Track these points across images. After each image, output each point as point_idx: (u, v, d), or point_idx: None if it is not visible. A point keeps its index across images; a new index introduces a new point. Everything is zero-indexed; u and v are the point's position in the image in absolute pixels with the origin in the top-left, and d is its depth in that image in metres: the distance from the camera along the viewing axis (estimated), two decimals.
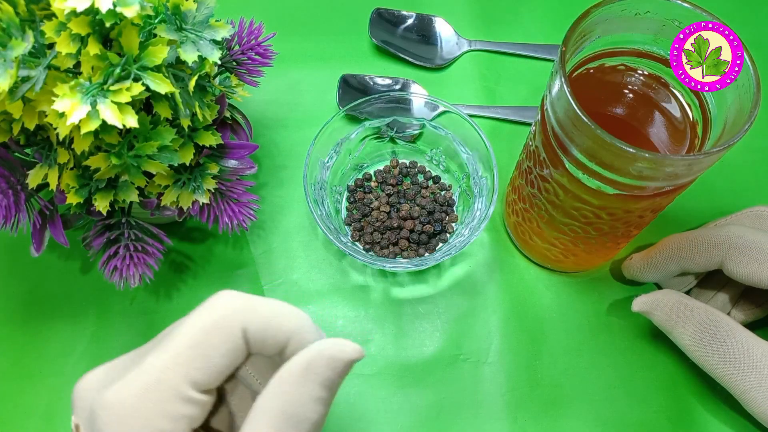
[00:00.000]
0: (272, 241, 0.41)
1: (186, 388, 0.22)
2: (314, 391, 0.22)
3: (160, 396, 0.22)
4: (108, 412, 0.22)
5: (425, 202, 0.40)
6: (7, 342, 0.37)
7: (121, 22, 0.25)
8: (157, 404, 0.22)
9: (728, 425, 0.36)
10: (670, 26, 0.29)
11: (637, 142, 0.29)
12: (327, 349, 0.23)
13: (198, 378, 0.22)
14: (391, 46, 0.48)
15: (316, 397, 0.22)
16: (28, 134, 0.29)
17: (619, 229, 0.33)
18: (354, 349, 0.23)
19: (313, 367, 0.22)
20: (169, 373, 0.22)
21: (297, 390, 0.22)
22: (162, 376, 0.22)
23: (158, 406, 0.22)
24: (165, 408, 0.22)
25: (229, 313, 0.22)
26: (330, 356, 0.22)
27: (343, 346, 0.23)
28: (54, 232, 0.32)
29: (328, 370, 0.22)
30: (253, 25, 0.36)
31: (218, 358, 0.22)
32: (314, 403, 0.22)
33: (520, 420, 0.36)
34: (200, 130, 0.32)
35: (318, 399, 0.22)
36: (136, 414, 0.21)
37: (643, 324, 0.39)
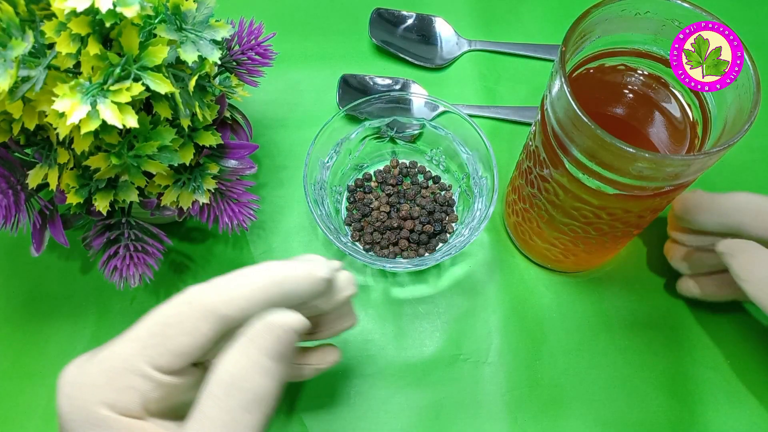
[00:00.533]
0: (272, 241, 0.41)
1: (141, 365, 0.23)
2: (257, 360, 0.22)
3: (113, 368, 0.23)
4: (63, 379, 0.24)
5: (425, 202, 0.40)
6: (7, 342, 0.37)
7: (121, 22, 0.25)
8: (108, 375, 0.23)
9: (728, 425, 0.36)
10: (670, 26, 0.29)
11: (637, 142, 0.29)
12: (269, 316, 0.23)
13: (156, 358, 0.23)
14: (391, 46, 0.48)
15: (259, 366, 0.22)
16: (28, 134, 0.29)
17: (619, 229, 0.33)
18: (295, 318, 0.23)
19: (255, 335, 0.23)
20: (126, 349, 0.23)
21: (239, 359, 0.22)
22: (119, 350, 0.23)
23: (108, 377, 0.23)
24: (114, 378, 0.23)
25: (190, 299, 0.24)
26: (269, 323, 0.23)
27: (284, 315, 0.23)
28: (54, 232, 0.32)
29: (269, 337, 0.22)
30: (253, 25, 0.36)
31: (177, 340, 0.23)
32: (257, 374, 0.22)
33: (520, 420, 0.36)
34: (200, 130, 0.32)
35: (262, 369, 0.22)
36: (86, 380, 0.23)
37: (643, 324, 0.39)
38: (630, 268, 0.40)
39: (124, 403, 0.23)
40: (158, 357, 0.23)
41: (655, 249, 0.41)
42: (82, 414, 0.23)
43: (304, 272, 0.24)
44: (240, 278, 0.24)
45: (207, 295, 0.24)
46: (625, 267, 0.40)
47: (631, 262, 0.41)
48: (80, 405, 0.23)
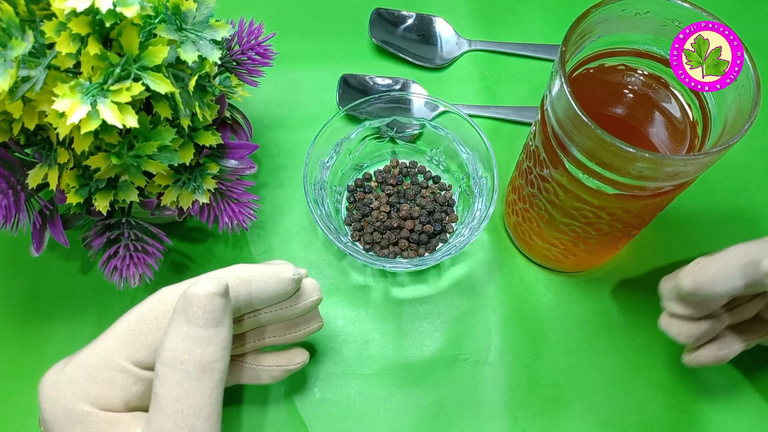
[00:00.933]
0: (272, 241, 0.41)
1: (120, 360, 0.24)
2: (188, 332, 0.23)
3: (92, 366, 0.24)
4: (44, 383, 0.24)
5: (425, 202, 0.40)
6: (7, 342, 0.37)
7: (121, 22, 0.25)
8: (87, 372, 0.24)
9: (728, 425, 0.36)
10: (670, 26, 0.29)
11: (637, 142, 0.29)
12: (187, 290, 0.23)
13: (134, 354, 0.24)
14: (391, 46, 0.48)
15: (191, 337, 0.23)
16: (28, 134, 0.29)
17: (619, 229, 0.33)
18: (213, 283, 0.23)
19: (180, 310, 0.23)
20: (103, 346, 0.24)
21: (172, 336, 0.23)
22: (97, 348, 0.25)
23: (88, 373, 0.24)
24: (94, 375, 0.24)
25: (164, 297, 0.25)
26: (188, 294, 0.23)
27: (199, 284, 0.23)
28: (54, 232, 0.32)
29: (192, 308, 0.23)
30: (253, 25, 0.36)
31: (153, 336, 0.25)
32: (193, 344, 0.23)
33: (520, 420, 0.36)
34: (200, 130, 0.32)
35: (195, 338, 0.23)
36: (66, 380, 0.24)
37: (643, 324, 0.39)
38: (630, 268, 0.40)
39: (105, 398, 0.24)
40: (136, 352, 0.24)
41: (656, 249, 0.41)
42: (63, 411, 0.24)
43: (272, 273, 0.26)
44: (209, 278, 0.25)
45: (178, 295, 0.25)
46: (625, 267, 0.40)
47: (631, 262, 0.41)
48: (61, 403, 0.24)
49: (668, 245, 0.41)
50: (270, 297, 0.26)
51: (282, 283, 0.26)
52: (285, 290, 0.27)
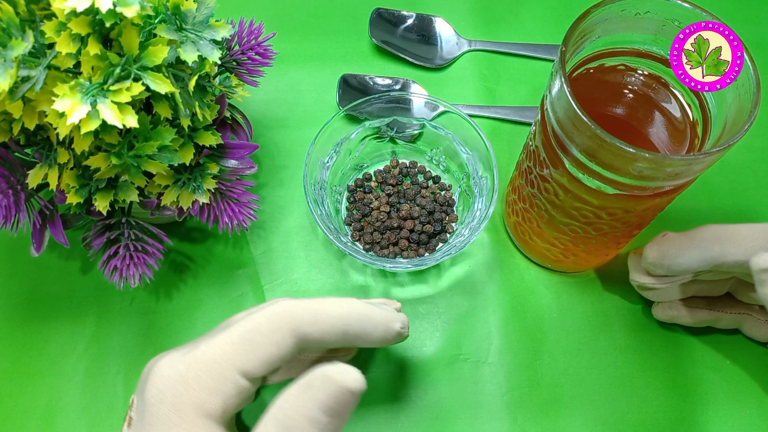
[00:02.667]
0: (272, 241, 0.41)
1: (230, 370, 0.24)
2: (310, 411, 0.22)
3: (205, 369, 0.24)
4: (156, 374, 0.25)
5: (425, 202, 0.40)
6: (7, 341, 0.37)
7: (121, 22, 0.25)
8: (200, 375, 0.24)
9: (728, 425, 0.36)
10: (670, 26, 0.29)
11: (637, 142, 0.29)
12: (328, 371, 0.23)
13: (245, 364, 0.24)
14: (391, 46, 0.48)
15: (311, 417, 0.22)
16: (28, 134, 0.29)
17: (619, 229, 0.33)
18: (354, 378, 0.23)
19: (312, 385, 0.23)
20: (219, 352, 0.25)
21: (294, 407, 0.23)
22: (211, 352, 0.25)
23: (200, 378, 0.24)
24: (206, 380, 0.24)
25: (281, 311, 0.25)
26: (327, 377, 0.23)
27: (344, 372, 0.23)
28: (54, 232, 0.32)
29: (325, 391, 0.23)
30: (253, 25, 0.36)
31: (265, 349, 0.25)
32: (310, 424, 0.22)
33: (520, 420, 0.36)
34: (200, 130, 0.32)
35: (313, 421, 0.22)
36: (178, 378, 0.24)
37: (643, 324, 0.39)
38: None
39: (210, 406, 0.24)
40: (247, 362, 0.24)
41: None
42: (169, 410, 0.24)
43: (384, 320, 0.27)
44: (328, 303, 0.26)
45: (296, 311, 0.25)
46: (625, 267, 0.40)
47: None
48: (169, 401, 0.24)
49: None
50: (372, 341, 0.27)
51: (387, 333, 0.27)
52: (386, 340, 0.27)
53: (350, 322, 0.26)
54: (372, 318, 0.26)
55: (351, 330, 0.26)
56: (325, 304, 0.26)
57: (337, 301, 0.26)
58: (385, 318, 0.27)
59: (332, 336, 0.25)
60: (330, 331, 0.25)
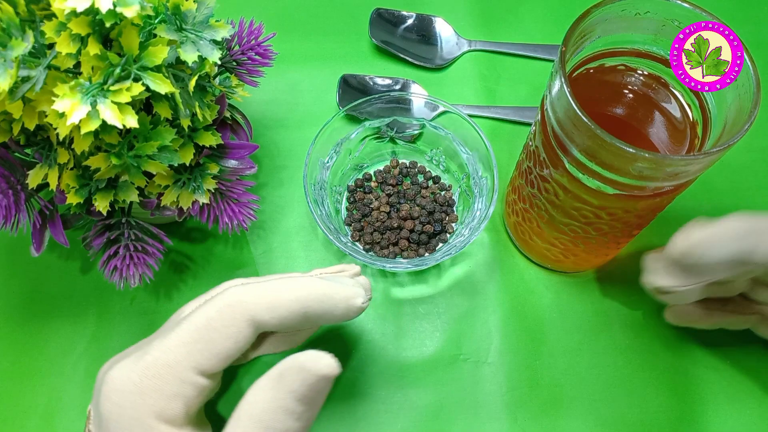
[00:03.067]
0: (272, 241, 0.41)
1: (187, 372, 0.23)
2: (285, 402, 0.22)
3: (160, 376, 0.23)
4: (109, 386, 0.24)
5: (425, 202, 0.40)
6: (7, 341, 0.37)
7: (121, 22, 0.25)
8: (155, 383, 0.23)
9: (728, 425, 0.36)
10: (670, 26, 0.29)
11: (637, 142, 0.29)
12: (300, 360, 0.22)
13: (202, 363, 0.23)
14: (391, 46, 0.48)
15: (286, 408, 0.22)
16: (28, 134, 0.29)
17: (619, 229, 0.33)
18: (328, 363, 0.22)
19: (285, 376, 0.22)
20: (172, 356, 0.23)
21: (268, 398, 0.22)
22: (164, 357, 0.23)
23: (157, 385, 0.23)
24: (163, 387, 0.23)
25: (233, 302, 0.24)
26: (300, 366, 0.22)
27: (317, 359, 0.22)
28: (54, 232, 0.32)
29: (298, 381, 0.22)
30: (253, 25, 0.36)
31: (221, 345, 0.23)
32: (285, 415, 0.22)
33: (520, 420, 0.36)
34: (200, 130, 0.32)
35: (289, 411, 0.22)
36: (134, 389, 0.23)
37: (643, 324, 0.39)
38: (630, 268, 0.40)
39: (171, 411, 0.23)
40: (204, 361, 0.23)
41: None
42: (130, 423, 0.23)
43: (344, 297, 0.25)
44: (283, 288, 0.24)
45: (249, 299, 0.24)
46: (625, 267, 0.40)
47: (631, 262, 0.40)
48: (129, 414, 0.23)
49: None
50: (334, 318, 0.26)
51: (349, 310, 0.25)
52: (351, 317, 0.26)
53: (309, 304, 0.24)
54: (331, 296, 0.25)
55: (310, 312, 0.24)
56: (280, 289, 0.24)
57: (293, 283, 0.25)
58: (345, 294, 0.25)
59: (291, 320, 0.24)
60: (288, 316, 0.24)
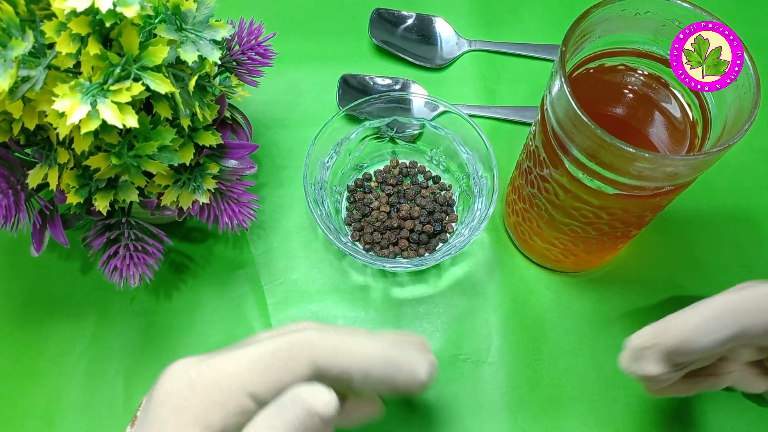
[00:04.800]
0: (272, 241, 0.41)
1: (238, 388, 0.24)
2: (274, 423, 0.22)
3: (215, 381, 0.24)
4: (167, 374, 0.24)
5: (425, 202, 0.40)
6: (7, 341, 0.37)
7: (121, 22, 0.25)
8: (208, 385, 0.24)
9: (728, 425, 0.36)
10: (670, 26, 0.29)
11: (637, 142, 0.29)
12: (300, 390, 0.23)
13: (254, 385, 0.24)
14: (391, 46, 0.48)
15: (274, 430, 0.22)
16: (28, 134, 0.29)
17: (619, 229, 0.33)
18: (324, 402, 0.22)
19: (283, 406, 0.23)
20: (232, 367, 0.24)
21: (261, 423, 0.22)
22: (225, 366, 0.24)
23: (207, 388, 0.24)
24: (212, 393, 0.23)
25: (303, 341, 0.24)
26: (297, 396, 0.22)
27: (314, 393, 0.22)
28: (54, 232, 0.32)
29: (294, 412, 0.22)
30: (253, 25, 0.36)
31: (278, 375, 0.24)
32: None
33: (520, 420, 0.36)
34: (200, 130, 0.32)
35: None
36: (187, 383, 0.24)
37: (643, 324, 0.38)
38: (630, 268, 0.40)
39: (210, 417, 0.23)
40: (257, 383, 0.24)
41: (656, 249, 0.41)
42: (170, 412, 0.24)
43: (409, 367, 0.25)
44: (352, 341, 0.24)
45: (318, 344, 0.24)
46: (625, 267, 0.40)
47: (631, 262, 0.41)
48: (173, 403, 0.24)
49: (668, 245, 0.41)
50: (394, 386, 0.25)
51: (412, 380, 0.25)
52: (412, 388, 0.25)
53: (373, 364, 0.24)
54: (397, 362, 0.25)
55: (372, 374, 0.24)
56: (350, 341, 0.25)
57: (363, 341, 0.25)
58: (410, 365, 0.25)
59: (351, 377, 0.24)
60: (350, 371, 0.24)
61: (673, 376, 0.29)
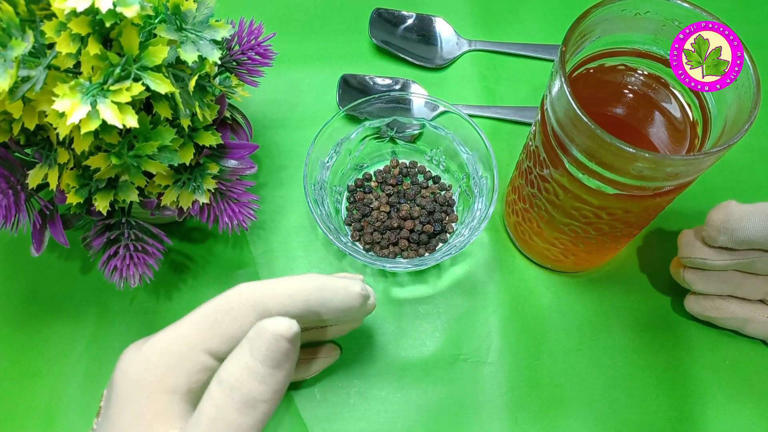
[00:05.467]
0: (272, 241, 0.41)
1: (194, 348, 0.25)
2: (248, 363, 0.23)
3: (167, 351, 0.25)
4: (121, 359, 0.25)
5: (425, 202, 0.40)
6: (7, 341, 0.37)
7: (121, 22, 0.25)
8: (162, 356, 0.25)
9: (728, 425, 0.36)
10: (670, 26, 0.29)
11: (637, 142, 0.29)
12: (262, 322, 0.23)
13: (208, 342, 0.25)
14: (391, 46, 0.48)
15: (249, 369, 0.23)
16: (28, 134, 0.29)
17: (619, 229, 0.33)
18: (286, 324, 0.23)
19: (248, 339, 0.23)
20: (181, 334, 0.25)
21: (233, 360, 0.23)
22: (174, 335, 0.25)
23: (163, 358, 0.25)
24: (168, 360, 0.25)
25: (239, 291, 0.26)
26: (260, 327, 0.23)
27: (274, 321, 0.23)
28: (54, 232, 0.32)
29: (258, 341, 0.23)
30: (253, 25, 0.36)
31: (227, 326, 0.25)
32: (250, 379, 0.23)
33: (520, 420, 0.36)
34: (200, 130, 0.32)
35: (254, 374, 0.23)
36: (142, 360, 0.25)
37: (643, 324, 0.39)
38: (630, 268, 0.40)
39: (171, 381, 0.24)
40: (210, 340, 0.25)
41: (655, 249, 0.41)
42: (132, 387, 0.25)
43: (343, 285, 0.27)
44: (285, 280, 0.26)
45: (255, 290, 0.26)
46: (625, 267, 0.40)
47: (631, 262, 0.41)
48: (132, 378, 0.25)
49: (668, 245, 0.41)
50: (337, 307, 0.27)
51: (350, 296, 0.27)
52: (352, 304, 0.27)
53: (309, 292, 0.26)
54: (331, 285, 0.27)
55: (312, 299, 0.26)
56: (283, 280, 0.26)
57: (296, 276, 0.27)
58: (343, 284, 0.27)
59: (294, 308, 0.26)
60: (290, 303, 0.26)
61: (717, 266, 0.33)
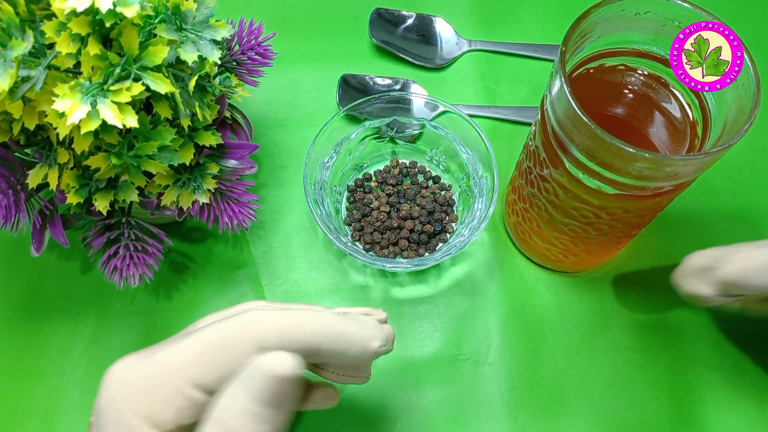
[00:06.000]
0: (272, 241, 0.41)
1: (184, 382, 0.23)
2: (244, 404, 0.22)
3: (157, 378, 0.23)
4: (108, 378, 0.24)
5: (425, 202, 0.40)
6: (7, 341, 0.37)
7: (121, 22, 0.25)
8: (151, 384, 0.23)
9: (728, 425, 0.36)
10: (670, 26, 0.29)
11: (637, 142, 0.29)
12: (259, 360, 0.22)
13: (200, 377, 0.23)
14: (391, 46, 0.48)
15: (246, 410, 0.22)
16: (28, 134, 0.29)
17: (619, 229, 0.33)
18: (282, 364, 0.22)
19: (245, 378, 0.22)
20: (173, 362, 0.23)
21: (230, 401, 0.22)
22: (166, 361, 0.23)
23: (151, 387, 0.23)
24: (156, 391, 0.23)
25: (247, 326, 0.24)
26: (259, 367, 0.22)
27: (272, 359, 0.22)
28: (54, 232, 0.32)
29: (255, 381, 0.22)
30: (253, 25, 0.36)
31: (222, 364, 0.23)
32: (246, 419, 0.22)
33: (520, 420, 0.36)
34: (200, 130, 0.32)
35: (250, 414, 0.22)
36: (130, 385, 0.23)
37: (643, 324, 0.39)
38: (630, 268, 0.40)
39: (161, 416, 0.23)
40: (202, 376, 0.23)
41: (656, 249, 0.41)
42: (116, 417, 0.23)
43: (361, 338, 0.25)
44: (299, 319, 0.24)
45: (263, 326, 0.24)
46: (625, 267, 0.40)
47: (631, 262, 0.41)
48: (118, 408, 0.23)
49: (668, 245, 0.41)
50: (346, 359, 0.25)
51: (365, 352, 0.25)
52: (364, 360, 0.25)
53: (322, 341, 0.24)
54: (348, 336, 0.24)
55: (323, 349, 0.24)
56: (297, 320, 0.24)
57: (311, 316, 0.24)
58: (362, 336, 0.25)
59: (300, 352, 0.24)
60: (300, 349, 0.24)
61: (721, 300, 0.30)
